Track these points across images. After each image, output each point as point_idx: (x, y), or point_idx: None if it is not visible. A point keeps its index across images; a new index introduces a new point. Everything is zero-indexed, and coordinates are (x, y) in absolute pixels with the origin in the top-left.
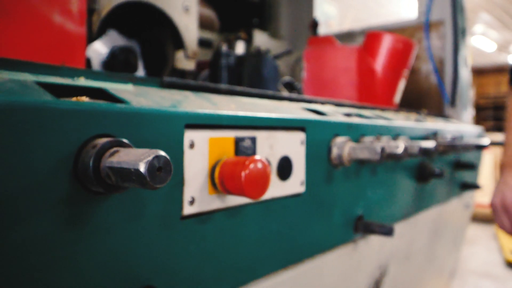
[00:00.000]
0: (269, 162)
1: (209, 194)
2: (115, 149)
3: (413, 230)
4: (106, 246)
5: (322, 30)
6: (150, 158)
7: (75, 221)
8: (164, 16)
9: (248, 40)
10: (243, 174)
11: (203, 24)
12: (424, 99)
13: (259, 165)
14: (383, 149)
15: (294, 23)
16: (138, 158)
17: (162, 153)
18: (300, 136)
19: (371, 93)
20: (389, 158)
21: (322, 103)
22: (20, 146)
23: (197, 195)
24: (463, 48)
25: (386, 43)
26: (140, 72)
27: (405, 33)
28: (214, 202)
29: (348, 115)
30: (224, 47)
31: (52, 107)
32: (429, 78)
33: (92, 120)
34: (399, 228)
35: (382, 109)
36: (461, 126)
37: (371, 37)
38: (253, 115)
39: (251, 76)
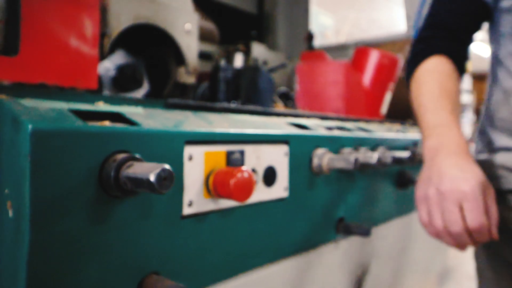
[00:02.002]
0: (255, 171)
1: (204, 198)
2: (130, 162)
3: (395, 232)
4: (122, 238)
5: (318, 41)
6: (158, 170)
7: (99, 218)
8: (168, 36)
9: (247, 52)
10: (231, 181)
11: (205, 36)
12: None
13: (245, 175)
14: (356, 160)
15: (290, 35)
16: (149, 170)
17: (167, 166)
18: (284, 148)
19: (358, 105)
20: (364, 167)
21: (308, 117)
22: (62, 160)
23: (194, 198)
24: None
25: (373, 59)
26: (145, 86)
27: (395, 46)
28: (208, 205)
29: (330, 128)
30: (223, 62)
31: (83, 131)
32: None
33: (113, 140)
34: (381, 230)
35: (367, 121)
36: None
37: (359, 52)
38: (242, 132)
39: (248, 88)
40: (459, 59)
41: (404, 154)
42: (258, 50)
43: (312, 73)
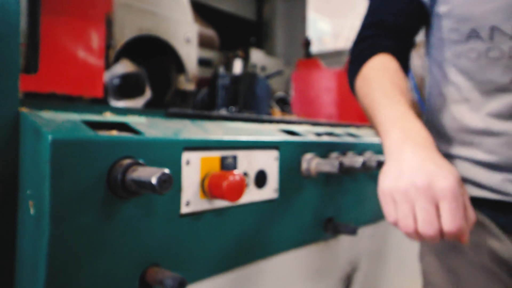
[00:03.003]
0: (247, 175)
1: (200, 198)
2: (134, 167)
3: (383, 232)
4: (127, 234)
5: (316, 47)
6: (159, 174)
7: (107, 215)
8: (169, 46)
9: (246, 58)
10: (224, 184)
11: (205, 43)
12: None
13: (237, 178)
14: (341, 164)
15: (288, 41)
16: (151, 174)
17: (167, 170)
18: (274, 153)
19: (351, 111)
20: (349, 171)
21: (299, 123)
22: (77, 165)
23: (191, 199)
24: None
25: None
26: (148, 93)
27: None
28: (204, 205)
29: (319, 134)
30: (221, 69)
31: (94, 140)
32: (411, 94)
33: (120, 148)
34: (370, 230)
35: (357, 126)
36: None
37: None
38: (235, 139)
39: (246, 94)
40: (403, 59)
41: None
42: (257, 56)
43: (307, 80)
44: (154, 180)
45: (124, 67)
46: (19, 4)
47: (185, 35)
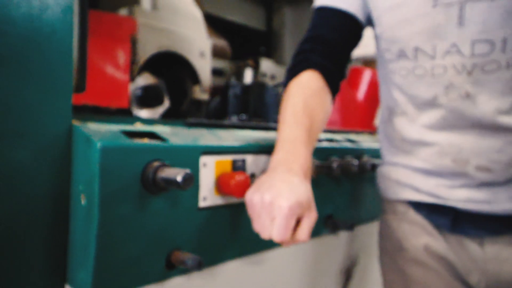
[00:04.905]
0: (254, 175)
1: (215, 195)
2: (162, 168)
3: None
4: (156, 222)
5: None
6: (183, 173)
7: (141, 207)
8: (185, 60)
9: (256, 67)
10: (231, 182)
11: (218, 53)
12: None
13: (242, 177)
14: (338, 166)
15: None
16: (176, 173)
17: (188, 171)
18: None
19: (352, 118)
20: (346, 173)
21: None
22: (118, 166)
23: (207, 195)
24: None
25: (366, 77)
26: (166, 103)
27: None
28: (218, 200)
29: (319, 140)
30: (233, 79)
31: (132, 147)
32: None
33: (150, 152)
34: (367, 228)
35: (357, 132)
36: None
37: (354, 71)
38: (244, 144)
39: (255, 103)
40: (333, 77)
41: None
42: (266, 65)
43: None
44: (179, 178)
45: (145, 79)
46: (72, 38)
47: (200, 49)
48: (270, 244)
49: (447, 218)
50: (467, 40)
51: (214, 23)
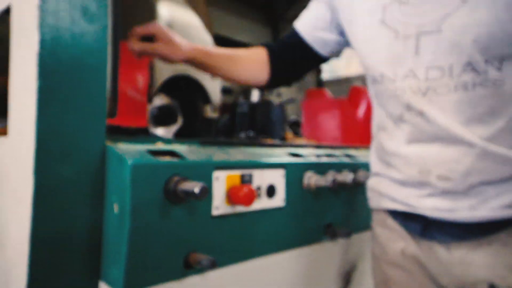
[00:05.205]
0: (260, 188)
1: (226, 204)
2: (182, 181)
3: None
4: (177, 228)
5: (328, 74)
6: (200, 186)
7: (164, 214)
8: (197, 83)
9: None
10: (240, 193)
11: None
12: None
13: (247, 190)
14: (334, 180)
15: None
16: (194, 186)
17: (204, 184)
18: (281, 172)
19: (352, 134)
20: (342, 186)
21: (305, 146)
22: (146, 180)
23: (219, 205)
24: None
25: (366, 95)
26: (179, 121)
27: None
28: (228, 209)
29: (319, 156)
30: (241, 98)
31: (156, 164)
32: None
33: (172, 168)
34: (365, 236)
35: (356, 148)
36: None
37: (354, 90)
38: (251, 160)
39: (262, 120)
40: (274, 53)
41: None
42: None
43: (314, 108)
44: (196, 190)
45: (160, 100)
46: (106, 71)
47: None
48: (275, 248)
49: (418, 225)
50: (422, 66)
51: (223, 44)
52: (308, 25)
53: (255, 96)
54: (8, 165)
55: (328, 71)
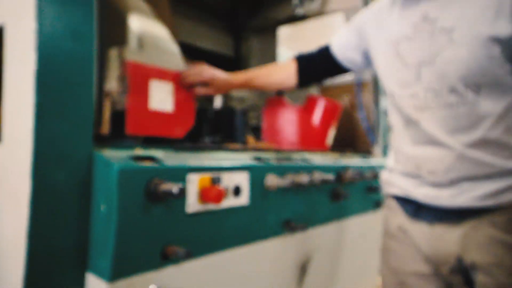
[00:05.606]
0: (228, 188)
1: (198, 203)
2: (161, 183)
3: (331, 232)
4: (156, 224)
5: None
6: (177, 187)
7: (146, 212)
8: None
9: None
10: (211, 193)
11: None
12: (359, 139)
13: (217, 190)
14: (292, 181)
15: None
16: (171, 187)
17: (181, 185)
18: (246, 174)
19: (309, 139)
20: (299, 186)
21: (266, 151)
22: (129, 183)
23: (193, 203)
24: (383, 101)
25: (321, 104)
26: None
27: (346, 88)
28: (201, 207)
29: (279, 159)
30: (206, 103)
31: (138, 168)
32: (362, 123)
33: (152, 172)
34: (320, 229)
35: (311, 152)
36: (374, 160)
37: (310, 99)
38: (220, 165)
39: (226, 126)
40: (303, 66)
41: (330, 176)
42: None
43: (274, 115)
44: (175, 190)
45: None
46: (93, 87)
47: None
48: (242, 241)
49: (412, 207)
50: (422, 89)
51: (186, 50)
52: (341, 46)
53: (217, 101)
54: (1, 169)
55: None
